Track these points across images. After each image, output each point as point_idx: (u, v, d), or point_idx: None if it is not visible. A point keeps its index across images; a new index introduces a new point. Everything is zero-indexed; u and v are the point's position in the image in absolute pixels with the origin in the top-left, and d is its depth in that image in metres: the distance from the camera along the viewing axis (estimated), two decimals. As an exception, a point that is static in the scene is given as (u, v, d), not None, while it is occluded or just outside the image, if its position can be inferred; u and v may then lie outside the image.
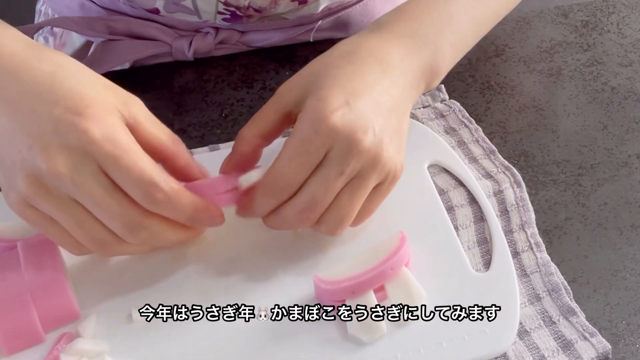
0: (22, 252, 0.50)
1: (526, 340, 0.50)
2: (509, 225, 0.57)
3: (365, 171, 0.48)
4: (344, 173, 0.47)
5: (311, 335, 0.49)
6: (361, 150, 0.47)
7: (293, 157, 0.47)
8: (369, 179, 0.48)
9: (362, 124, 0.47)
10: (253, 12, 0.69)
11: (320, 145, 0.47)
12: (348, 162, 0.47)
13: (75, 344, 0.47)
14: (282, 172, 0.47)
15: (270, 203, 0.48)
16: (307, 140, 0.47)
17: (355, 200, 0.49)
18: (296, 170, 0.47)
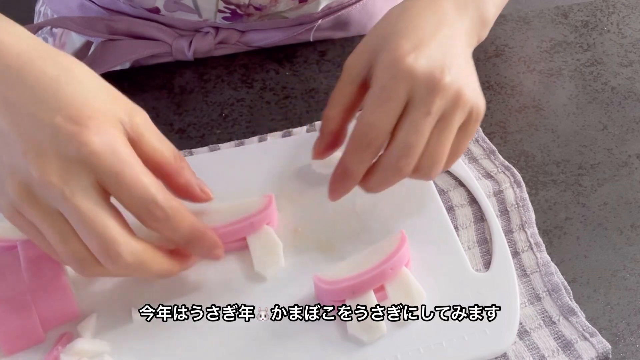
0: (22, 252, 0.50)
1: (526, 340, 0.50)
2: (509, 225, 0.57)
3: (450, 110, 0.48)
4: (431, 113, 0.47)
5: (311, 335, 0.49)
6: (442, 88, 0.47)
7: (376, 106, 0.47)
8: (454, 118, 0.48)
9: (436, 64, 0.48)
10: (253, 10, 0.69)
11: (401, 89, 0.47)
12: (432, 101, 0.47)
13: (75, 344, 0.47)
14: (369, 123, 0.48)
15: (365, 159, 0.49)
16: (387, 87, 0.47)
17: (445, 141, 0.49)
18: (382, 118, 0.47)
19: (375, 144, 0.48)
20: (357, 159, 0.49)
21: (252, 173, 0.59)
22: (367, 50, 0.50)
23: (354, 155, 0.49)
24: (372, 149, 0.48)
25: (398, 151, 0.48)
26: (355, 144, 0.48)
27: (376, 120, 0.47)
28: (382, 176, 0.49)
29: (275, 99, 0.67)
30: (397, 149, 0.48)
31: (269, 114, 0.66)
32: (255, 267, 0.52)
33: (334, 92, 0.51)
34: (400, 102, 0.47)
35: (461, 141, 0.51)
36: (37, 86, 0.43)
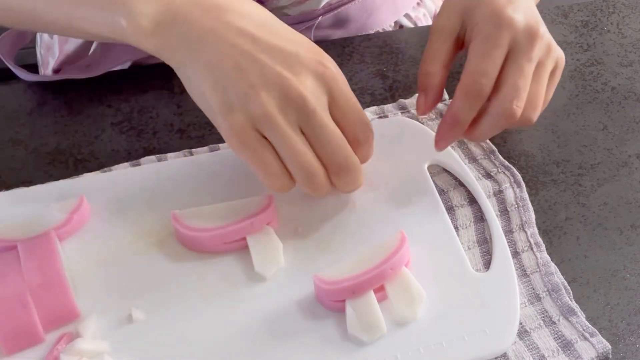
0: (22, 252, 0.50)
1: (526, 340, 0.50)
2: (509, 225, 0.57)
3: (544, 57, 0.54)
4: (532, 59, 0.52)
5: (311, 335, 0.49)
6: (540, 37, 0.53)
7: (484, 54, 0.52)
8: (547, 65, 0.54)
9: (532, 14, 0.54)
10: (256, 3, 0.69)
11: (505, 38, 0.52)
12: (532, 48, 0.52)
13: (75, 344, 0.47)
14: (479, 71, 0.51)
15: (475, 104, 0.52)
16: (492, 36, 0.52)
17: (543, 85, 0.54)
18: (490, 65, 0.52)
19: (485, 90, 0.52)
20: (468, 106, 0.52)
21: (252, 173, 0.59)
22: (457, 10, 0.55)
23: (464, 103, 0.52)
24: (482, 96, 0.52)
25: (510, 94, 0.52)
26: (465, 91, 0.52)
27: (486, 67, 0.51)
28: (492, 121, 0.53)
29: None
30: (508, 92, 0.52)
31: (269, 114, 0.66)
32: (255, 267, 0.52)
33: (428, 51, 0.55)
34: (505, 49, 0.52)
35: (550, 87, 0.56)
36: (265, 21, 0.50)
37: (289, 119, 0.48)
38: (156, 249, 0.54)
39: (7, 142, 0.63)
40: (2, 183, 0.59)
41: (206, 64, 0.48)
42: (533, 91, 0.53)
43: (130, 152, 0.62)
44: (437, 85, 0.55)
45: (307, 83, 0.48)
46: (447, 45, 0.55)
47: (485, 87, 0.52)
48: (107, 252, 0.53)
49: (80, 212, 0.54)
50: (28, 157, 0.62)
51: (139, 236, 0.54)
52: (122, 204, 0.56)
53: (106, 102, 0.67)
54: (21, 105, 0.66)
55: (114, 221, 0.55)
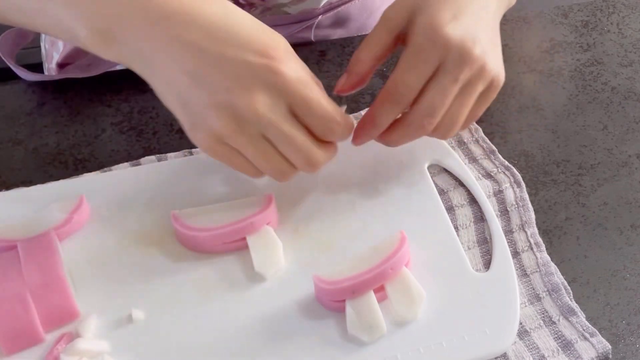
0: (22, 252, 0.50)
1: (526, 340, 0.50)
2: (509, 225, 0.57)
3: (474, 78, 0.52)
4: (458, 80, 0.51)
5: (311, 335, 0.49)
6: (472, 59, 0.51)
7: (412, 66, 0.51)
8: (477, 86, 0.53)
9: (470, 35, 0.52)
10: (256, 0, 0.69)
11: (436, 55, 0.51)
12: (461, 70, 0.51)
13: (75, 344, 0.47)
14: (402, 80, 0.51)
15: (392, 111, 0.52)
16: (425, 50, 0.51)
17: (466, 107, 0.53)
18: (415, 77, 0.51)
19: (404, 101, 0.52)
20: (386, 111, 0.52)
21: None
22: (408, 6, 0.53)
23: (383, 107, 0.52)
24: (401, 104, 0.52)
25: (424, 110, 0.52)
26: (386, 97, 0.52)
27: (409, 79, 0.51)
28: (404, 132, 0.53)
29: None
30: (423, 108, 0.52)
31: (269, 114, 0.66)
32: (256, 267, 0.52)
33: (369, 37, 0.54)
34: (433, 66, 0.51)
35: (479, 107, 0.55)
36: (212, 26, 0.47)
37: (248, 132, 0.47)
38: (156, 249, 0.54)
39: (7, 142, 0.63)
40: (2, 183, 0.59)
41: (161, 82, 0.48)
42: (454, 110, 0.53)
43: (130, 152, 0.62)
44: (362, 73, 0.54)
45: (259, 97, 0.47)
46: (386, 38, 0.54)
47: (404, 98, 0.52)
48: (107, 252, 0.53)
49: (80, 212, 0.54)
50: (28, 157, 0.62)
51: (139, 236, 0.54)
52: (122, 204, 0.56)
53: (106, 102, 0.67)
54: (21, 105, 0.66)
55: (114, 221, 0.55)
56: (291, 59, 0.48)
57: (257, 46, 0.47)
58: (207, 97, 0.46)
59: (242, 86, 0.46)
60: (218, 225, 0.52)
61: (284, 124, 0.48)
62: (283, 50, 0.48)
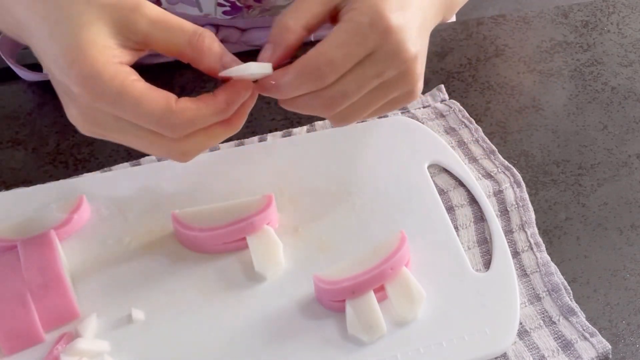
0: (22, 252, 0.50)
1: (526, 340, 0.50)
2: (509, 225, 0.57)
3: (396, 81, 0.48)
4: (381, 76, 0.47)
5: (311, 335, 0.49)
6: (403, 58, 0.47)
7: (344, 43, 0.45)
8: (395, 89, 0.48)
9: (410, 34, 0.47)
10: (253, 2, 0.69)
11: (372, 40, 0.45)
12: (389, 66, 0.46)
13: (75, 344, 0.47)
14: (329, 56, 0.45)
15: (305, 87, 0.46)
16: (363, 31, 0.45)
17: (374, 104, 0.49)
18: (344, 57, 0.45)
19: (322, 80, 0.45)
20: (299, 84, 0.46)
21: (252, 173, 0.59)
22: None
23: (297, 78, 0.45)
24: (317, 83, 0.45)
25: (335, 96, 0.46)
26: (303, 69, 0.45)
27: (337, 58, 0.45)
28: (304, 106, 0.47)
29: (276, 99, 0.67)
30: (334, 93, 0.46)
31: (269, 114, 0.66)
32: (256, 267, 0.52)
33: (301, 2, 0.47)
34: (364, 51, 0.45)
35: (385, 108, 0.50)
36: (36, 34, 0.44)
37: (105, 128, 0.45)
38: (156, 249, 0.54)
39: (7, 142, 0.63)
40: (2, 183, 0.59)
41: None
42: (361, 103, 0.48)
43: (130, 152, 0.62)
44: (290, 44, 0.47)
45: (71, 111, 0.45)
46: (323, 8, 0.47)
47: (326, 76, 0.45)
48: (107, 252, 0.53)
49: (80, 212, 0.54)
50: (28, 157, 0.62)
51: (139, 236, 0.54)
52: (122, 204, 0.56)
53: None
54: (21, 105, 0.66)
55: (114, 221, 0.55)
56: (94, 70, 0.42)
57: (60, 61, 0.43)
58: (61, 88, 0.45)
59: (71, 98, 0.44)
60: (218, 225, 0.52)
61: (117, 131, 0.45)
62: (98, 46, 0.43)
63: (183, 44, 0.45)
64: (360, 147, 0.55)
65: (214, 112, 0.45)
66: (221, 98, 0.45)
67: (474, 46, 0.73)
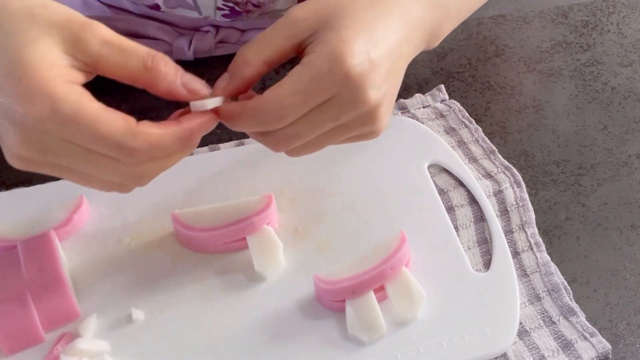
0: (22, 252, 0.50)
1: (526, 340, 0.50)
2: (509, 225, 0.57)
3: (354, 123, 0.46)
4: (338, 120, 0.45)
5: (311, 335, 0.49)
6: (364, 105, 0.45)
7: (300, 90, 0.43)
8: (354, 130, 0.47)
9: (374, 80, 0.45)
10: (252, 7, 0.69)
11: (330, 87, 0.44)
12: (347, 113, 0.45)
13: (75, 344, 0.47)
14: (282, 103, 0.43)
15: (255, 127, 0.45)
16: (320, 78, 0.43)
17: (330, 141, 0.47)
18: (298, 104, 0.44)
19: (275, 125, 0.44)
20: (250, 124, 0.45)
21: (252, 173, 0.59)
22: (321, 14, 0.45)
23: (249, 119, 0.44)
24: (267, 126, 0.44)
25: (286, 134, 0.45)
26: (256, 112, 0.44)
27: (290, 105, 0.43)
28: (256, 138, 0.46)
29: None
30: (287, 134, 0.45)
31: (269, 114, 0.66)
32: (256, 267, 0.52)
33: (264, 36, 0.46)
34: (321, 99, 0.44)
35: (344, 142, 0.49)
36: None
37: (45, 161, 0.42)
38: (156, 249, 0.54)
39: (7, 142, 0.63)
40: (2, 183, 0.59)
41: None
42: (315, 141, 0.46)
43: (130, 152, 0.62)
44: (247, 78, 0.45)
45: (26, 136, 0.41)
46: (287, 43, 0.45)
47: (277, 121, 0.44)
48: (107, 252, 0.53)
49: (80, 212, 0.54)
50: (28, 157, 0.62)
51: (139, 236, 0.54)
52: (122, 204, 0.56)
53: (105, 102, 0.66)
54: (21, 105, 0.66)
55: (114, 221, 0.55)
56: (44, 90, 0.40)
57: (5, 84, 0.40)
58: None
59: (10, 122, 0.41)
60: (218, 225, 0.52)
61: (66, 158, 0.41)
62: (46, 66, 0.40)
63: (137, 66, 0.43)
64: (360, 147, 0.55)
65: (178, 142, 0.44)
66: (187, 127, 0.44)
67: (474, 46, 0.73)
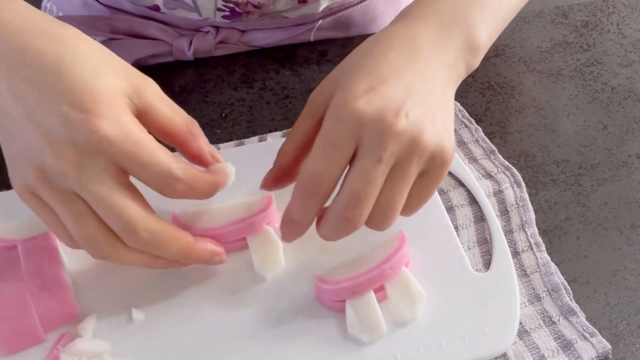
0: (22, 252, 0.50)
1: (526, 340, 0.50)
2: (509, 225, 0.57)
3: (406, 157, 0.45)
4: (382, 160, 0.44)
5: (311, 335, 0.49)
6: (396, 133, 0.44)
7: (320, 151, 0.45)
8: (410, 165, 0.45)
9: (391, 106, 0.44)
10: (252, 8, 0.69)
11: (347, 134, 0.44)
12: (384, 147, 0.44)
13: (75, 344, 0.47)
14: (312, 170, 0.45)
15: (310, 207, 0.46)
16: (332, 131, 0.44)
17: (400, 190, 0.46)
18: (326, 165, 0.44)
19: (320, 192, 0.45)
20: (302, 207, 0.46)
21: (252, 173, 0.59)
22: (330, 85, 0.47)
23: (299, 203, 0.46)
24: (317, 197, 0.45)
25: (346, 200, 0.45)
26: (299, 191, 0.46)
27: (319, 167, 0.44)
28: (333, 226, 0.46)
29: (275, 99, 0.67)
30: (344, 198, 0.45)
31: (269, 114, 0.66)
32: (256, 267, 0.52)
33: (295, 124, 0.49)
34: (346, 148, 0.44)
35: (425, 188, 0.47)
36: (39, 68, 0.42)
37: (58, 187, 0.43)
38: (156, 249, 0.54)
39: (7, 142, 0.63)
40: (2, 183, 0.59)
41: None
42: (385, 196, 0.45)
43: (130, 152, 0.62)
44: (283, 167, 0.49)
45: (68, 153, 0.42)
46: (311, 123, 0.47)
47: (319, 189, 0.45)
48: (107, 252, 0.53)
49: (80, 212, 0.54)
50: (28, 157, 0.62)
51: (139, 236, 0.54)
52: (122, 204, 0.56)
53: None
54: (21, 105, 0.66)
55: (114, 221, 0.55)
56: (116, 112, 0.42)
57: (77, 96, 0.42)
58: (23, 143, 0.43)
59: (51, 139, 0.42)
60: (218, 225, 0.52)
61: (97, 185, 0.42)
62: (107, 102, 0.42)
63: (181, 123, 0.46)
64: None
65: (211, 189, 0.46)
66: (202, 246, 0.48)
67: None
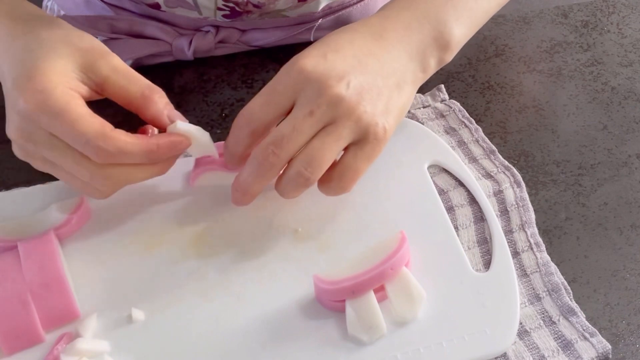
0: (22, 252, 0.50)
1: (526, 340, 0.50)
2: (509, 225, 0.57)
3: (339, 119, 0.48)
4: (314, 114, 0.48)
5: (311, 335, 0.49)
6: (333, 96, 0.48)
7: (261, 93, 0.49)
8: (343, 128, 0.48)
9: (336, 73, 0.48)
10: (252, 7, 0.69)
11: (288, 86, 0.48)
12: (318, 104, 0.48)
13: (75, 344, 0.47)
14: (248, 106, 0.49)
15: (238, 137, 0.50)
16: (277, 80, 0.49)
17: (328, 144, 0.48)
18: (261, 104, 0.49)
19: (250, 127, 0.49)
20: (232, 138, 0.50)
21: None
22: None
23: (231, 135, 0.50)
24: (245, 130, 0.49)
25: (269, 139, 0.48)
26: (234, 125, 0.50)
27: (255, 106, 0.49)
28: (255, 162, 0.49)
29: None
30: (269, 137, 0.48)
31: (269, 114, 0.66)
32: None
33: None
34: (284, 97, 0.49)
35: (358, 159, 0.50)
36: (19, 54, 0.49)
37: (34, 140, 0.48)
38: (156, 249, 0.54)
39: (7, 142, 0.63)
40: (2, 183, 0.59)
41: None
42: (311, 146, 0.48)
43: (130, 152, 0.62)
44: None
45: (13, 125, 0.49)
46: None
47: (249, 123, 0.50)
48: (107, 252, 0.53)
49: (80, 212, 0.54)
50: (28, 157, 0.62)
51: (139, 236, 0.54)
52: (123, 204, 0.56)
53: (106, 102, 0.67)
54: (21, 105, 0.66)
55: (114, 221, 0.55)
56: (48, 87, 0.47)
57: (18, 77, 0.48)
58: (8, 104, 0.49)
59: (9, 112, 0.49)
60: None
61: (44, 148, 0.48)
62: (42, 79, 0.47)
63: (136, 92, 0.50)
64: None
65: (142, 152, 0.48)
66: (154, 141, 0.49)
67: (474, 46, 0.73)
